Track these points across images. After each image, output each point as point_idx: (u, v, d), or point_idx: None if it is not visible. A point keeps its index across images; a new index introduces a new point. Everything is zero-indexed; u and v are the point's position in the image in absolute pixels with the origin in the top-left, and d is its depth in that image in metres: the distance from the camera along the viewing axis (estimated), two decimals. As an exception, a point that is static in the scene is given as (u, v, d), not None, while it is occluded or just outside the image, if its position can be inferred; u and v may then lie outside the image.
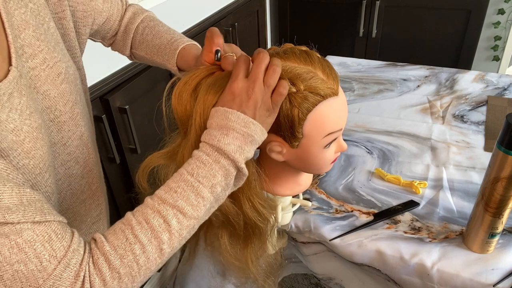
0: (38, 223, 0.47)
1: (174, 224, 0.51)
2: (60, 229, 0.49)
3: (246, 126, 0.53)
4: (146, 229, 0.50)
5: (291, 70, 0.61)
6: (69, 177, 0.65)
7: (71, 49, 0.68)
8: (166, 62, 0.78)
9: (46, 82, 0.58)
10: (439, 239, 0.81)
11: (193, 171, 0.53)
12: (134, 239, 0.50)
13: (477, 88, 1.32)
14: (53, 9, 0.63)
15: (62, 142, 0.62)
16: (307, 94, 0.60)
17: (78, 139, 0.65)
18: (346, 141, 1.08)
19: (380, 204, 0.90)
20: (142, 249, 0.50)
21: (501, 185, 0.69)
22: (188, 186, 0.52)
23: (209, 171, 0.52)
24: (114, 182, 1.40)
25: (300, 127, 0.62)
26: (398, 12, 2.28)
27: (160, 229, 0.51)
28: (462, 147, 1.06)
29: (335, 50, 1.73)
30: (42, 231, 0.47)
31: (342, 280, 0.90)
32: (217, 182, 0.53)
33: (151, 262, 0.51)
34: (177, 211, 0.51)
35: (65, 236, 0.49)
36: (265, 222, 0.68)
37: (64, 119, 0.61)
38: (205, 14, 1.82)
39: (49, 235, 0.48)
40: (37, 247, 0.46)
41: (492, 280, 0.73)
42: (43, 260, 0.46)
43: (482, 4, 2.12)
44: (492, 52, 2.39)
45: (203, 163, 0.53)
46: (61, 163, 0.62)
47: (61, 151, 0.62)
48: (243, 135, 0.53)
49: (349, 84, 1.39)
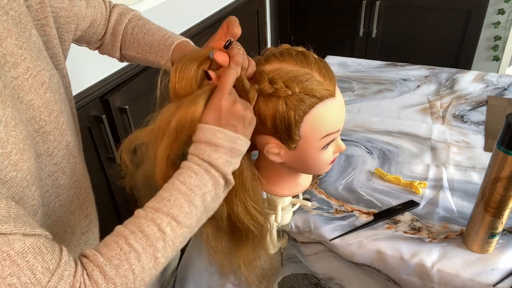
0: (29, 235, 0.46)
1: (169, 232, 0.52)
2: (49, 243, 0.48)
3: (233, 142, 0.56)
4: (141, 237, 0.51)
5: (286, 73, 0.61)
6: (57, 188, 0.63)
7: (55, 56, 0.66)
8: (159, 58, 0.77)
9: (29, 91, 0.56)
10: (439, 239, 0.81)
11: (185, 181, 0.54)
12: (129, 248, 0.50)
13: (477, 88, 1.32)
14: (35, 16, 0.61)
15: (48, 152, 0.60)
16: (303, 96, 0.60)
17: (65, 149, 0.63)
18: (346, 141, 1.08)
19: (380, 204, 0.90)
20: (137, 258, 0.50)
21: (501, 185, 0.69)
22: (181, 194, 0.53)
23: (200, 180, 0.54)
24: (114, 182, 1.40)
25: (297, 129, 0.62)
26: (398, 12, 2.28)
27: (155, 237, 0.51)
28: (462, 147, 1.06)
29: (335, 50, 1.72)
30: (32, 243, 0.46)
31: (342, 280, 0.90)
32: (208, 191, 0.55)
33: (146, 272, 0.51)
34: (171, 219, 0.52)
35: (54, 249, 0.48)
36: (258, 226, 0.68)
37: (49, 129, 0.60)
38: (205, 14, 1.82)
39: (39, 247, 0.47)
40: (29, 259, 0.45)
41: (492, 280, 0.73)
42: (36, 272, 0.45)
43: (482, 4, 2.12)
44: (492, 52, 2.39)
45: (195, 173, 0.54)
46: (48, 174, 0.61)
47: (47, 162, 0.60)
48: (230, 150, 0.56)
49: (349, 84, 1.39)
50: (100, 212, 0.80)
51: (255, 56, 0.68)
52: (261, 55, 0.67)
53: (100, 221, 0.80)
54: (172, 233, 0.52)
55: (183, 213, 0.53)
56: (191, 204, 0.53)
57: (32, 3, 0.61)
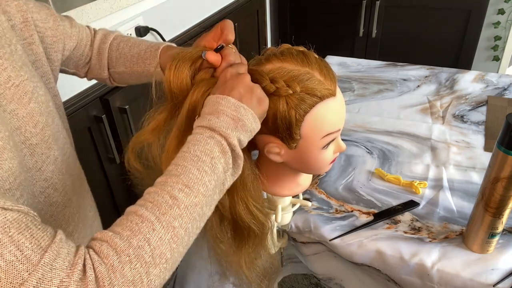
0: (10, 210, 0.41)
1: (182, 197, 0.47)
2: (38, 222, 0.43)
3: (236, 110, 0.53)
4: (151, 207, 0.46)
5: (287, 72, 0.61)
6: (50, 206, 0.59)
7: (45, 75, 0.66)
8: (148, 66, 0.75)
9: (12, 100, 0.54)
10: (439, 239, 0.81)
11: (189, 149, 0.51)
12: (140, 218, 0.45)
13: (477, 88, 1.32)
14: (21, 35, 0.61)
15: (37, 167, 0.57)
16: (304, 95, 0.60)
17: (53, 164, 0.60)
18: (346, 141, 1.08)
19: (380, 204, 0.90)
20: (151, 227, 0.45)
21: (501, 185, 0.69)
22: (188, 161, 0.50)
23: (205, 145, 0.51)
24: (114, 182, 1.40)
25: (298, 128, 0.62)
26: (398, 12, 2.28)
27: (168, 204, 0.46)
28: (462, 147, 1.06)
29: (335, 50, 1.72)
30: (16, 219, 0.41)
31: (342, 280, 0.90)
32: (216, 157, 0.51)
33: (165, 245, 0.45)
34: (182, 185, 0.48)
35: (46, 228, 0.43)
36: (259, 225, 0.68)
37: (36, 141, 0.57)
38: (205, 14, 1.82)
39: (26, 224, 0.41)
40: (13, 234, 0.40)
41: (492, 280, 0.73)
42: (24, 248, 0.40)
43: (482, 4, 2.12)
44: (492, 52, 2.39)
45: (198, 140, 0.52)
46: (40, 191, 0.57)
47: (37, 177, 0.57)
48: (233, 119, 0.53)
49: (349, 84, 1.39)
50: (100, 212, 0.80)
51: (255, 56, 0.68)
52: (261, 55, 0.67)
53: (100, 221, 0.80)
54: (186, 199, 0.48)
55: (194, 178, 0.49)
56: (201, 170, 0.50)
57: (16, 22, 0.60)
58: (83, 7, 1.15)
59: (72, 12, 1.11)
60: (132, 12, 1.36)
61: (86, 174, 0.77)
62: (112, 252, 0.43)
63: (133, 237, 0.44)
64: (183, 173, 0.49)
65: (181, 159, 0.51)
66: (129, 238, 0.44)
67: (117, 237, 0.44)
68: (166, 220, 0.46)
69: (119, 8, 1.28)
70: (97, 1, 1.19)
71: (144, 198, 0.48)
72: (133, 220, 0.45)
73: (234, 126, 0.53)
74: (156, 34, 1.48)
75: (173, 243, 0.46)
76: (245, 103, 0.54)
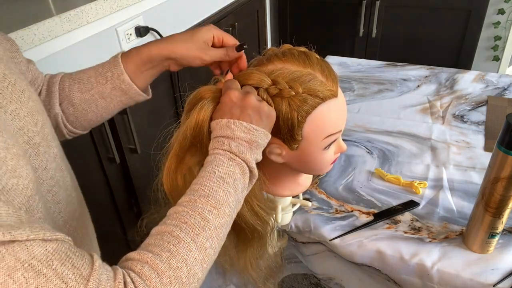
0: (49, 241, 0.41)
1: (212, 219, 0.49)
2: (75, 248, 0.43)
3: (250, 133, 0.55)
4: (186, 228, 0.47)
5: (289, 73, 0.61)
6: (57, 203, 0.59)
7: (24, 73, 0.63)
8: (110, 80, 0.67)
9: (12, 100, 0.53)
10: (439, 239, 0.81)
11: (213, 170, 0.53)
12: (176, 240, 0.46)
13: (477, 88, 1.32)
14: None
15: (42, 166, 0.56)
16: (306, 96, 0.60)
17: (53, 162, 0.59)
18: (346, 141, 1.08)
19: (380, 204, 0.90)
20: (188, 248, 0.46)
21: (501, 185, 0.69)
22: (213, 183, 0.51)
23: (228, 167, 0.53)
24: (114, 182, 1.40)
25: (300, 129, 0.62)
26: (398, 12, 2.28)
27: (200, 225, 0.48)
28: (462, 147, 1.06)
29: (335, 50, 1.72)
30: (56, 249, 0.40)
31: (342, 280, 0.90)
32: (237, 178, 0.53)
33: (198, 265, 0.47)
34: (211, 207, 0.50)
35: (83, 253, 0.43)
36: (264, 225, 0.68)
37: (38, 141, 0.56)
38: (205, 14, 1.82)
39: (66, 253, 0.41)
40: (56, 267, 0.39)
41: (492, 280, 0.73)
42: (68, 280, 0.39)
43: (482, 4, 2.12)
44: (492, 52, 2.39)
45: (221, 161, 0.53)
46: (47, 190, 0.57)
47: (44, 177, 0.56)
48: (248, 142, 0.55)
49: (349, 84, 1.39)
50: (100, 212, 0.80)
51: (256, 56, 0.68)
52: (262, 55, 0.67)
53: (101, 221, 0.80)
54: (215, 221, 0.49)
55: (221, 200, 0.51)
56: (226, 191, 0.51)
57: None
58: (83, 7, 1.15)
59: (72, 12, 1.11)
60: (132, 12, 1.36)
61: (86, 174, 0.76)
62: (154, 274, 0.43)
63: (172, 258, 0.45)
64: (211, 195, 0.50)
65: (207, 180, 0.52)
66: (168, 259, 0.45)
67: (158, 259, 0.44)
68: (200, 241, 0.47)
69: (119, 8, 1.28)
70: (97, 1, 1.19)
71: (175, 218, 0.49)
72: (170, 241, 0.46)
73: (249, 148, 0.55)
74: (156, 34, 1.48)
75: (204, 263, 0.48)
76: (256, 124, 0.56)
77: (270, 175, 0.74)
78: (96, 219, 0.76)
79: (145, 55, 0.67)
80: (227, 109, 0.56)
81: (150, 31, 1.44)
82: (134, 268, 0.44)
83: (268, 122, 0.58)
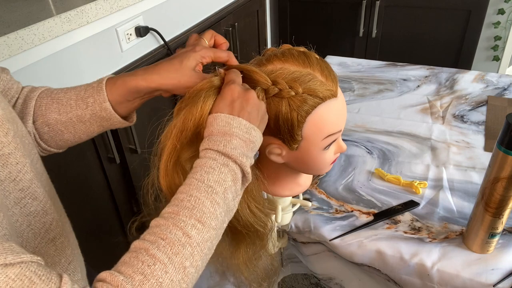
0: (12, 265, 0.37)
1: (195, 235, 0.45)
2: (43, 270, 0.39)
3: (248, 133, 0.53)
4: (164, 245, 0.44)
5: (289, 73, 0.61)
6: (27, 216, 0.55)
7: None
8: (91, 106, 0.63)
9: None
10: (439, 239, 0.81)
11: (202, 178, 0.49)
12: (152, 260, 0.43)
13: (477, 88, 1.32)
14: None
15: (11, 177, 0.52)
16: (306, 96, 0.60)
17: (30, 172, 0.54)
18: (346, 141, 1.08)
19: (380, 204, 0.90)
20: (164, 270, 0.43)
21: (501, 185, 0.69)
22: (201, 193, 0.48)
23: (219, 175, 0.50)
24: (114, 182, 1.40)
25: (299, 129, 0.62)
26: (398, 12, 2.28)
27: (180, 243, 0.44)
28: (462, 147, 1.06)
29: (335, 50, 1.73)
30: (18, 274, 0.37)
31: (342, 280, 0.90)
32: (228, 187, 0.50)
33: (175, 287, 0.44)
34: (195, 221, 0.46)
35: (50, 277, 0.39)
36: (263, 226, 0.68)
37: (9, 151, 0.51)
38: (205, 14, 1.82)
39: (30, 278, 0.38)
40: None
41: (492, 280, 0.73)
42: None
43: (482, 4, 2.12)
44: (492, 52, 2.39)
45: (212, 167, 0.50)
46: (15, 202, 0.53)
47: (11, 189, 0.52)
48: (245, 142, 0.52)
49: (349, 84, 1.39)
50: (100, 212, 0.79)
51: (255, 56, 0.68)
52: (262, 55, 0.67)
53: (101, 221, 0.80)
54: (198, 236, 0.46)
55: (207, 213, 0.47)
56: (214, 202, 0.48)
57: None
58: (83, 7, 1.15)
59: (72, 12, 1.11)
60: (132, 12, 1.36)
61: (86, 174, 0.76)
62: None
63: (146, 282, 0.41)
64: (197, 207, 0.47)
65: (194, 189, 0.48)
66: (141, 283, 0.41)
67: (129, 283, 0.41)
68: (178, 261, 0.44)
69: (119, 8, 1.28)
70: (97, 1, 1.19)
71: (154, 233, 0.45)
72: (145, 261, 0.43)
73: (247, 149, 0.52)
74: (156, 34, 1.48)
75: (183, 283, 0.44)
76: (254, 123, 0.54)
77: (270, 175, 0.74)
78: (96, 219, 0.76)
79: (133, 87, 0.63)
80: (228, 103, 0.54)
81: (150, 31, 1.44)
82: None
83: (263, 123, 0.58)
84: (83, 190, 0.98)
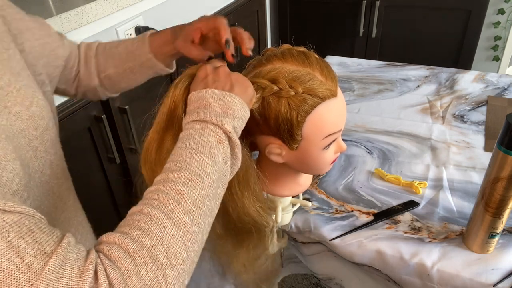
0: (11, 212, 0.37)
1: (188, 191, 0.44)
2: (46, 226, 0.39)
3: (222, 99, 0.53)
4: (157, 204, 0.43)
5: (289, 73, 0.61)
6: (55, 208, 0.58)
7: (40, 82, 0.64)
8: (138, 57, 0.73)
9: (16, 103, 0.53)
10: (439, 239, 0.81)
11: (184, 144, 0.49)
12: (147, 217, 0.42)
13: (477, 88, 1.32)
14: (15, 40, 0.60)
15: (40, 169, 0.55)
16: (306, 96, 0.60)
17: (49, 168, 0.58)
18: (346, 141, 1.08)
19: (380, 204, 0.90)
20: (161, 224, 0.41)
21: (501, 185, 0.69)
22: (185, 155, 0.47)
23: (200, 137, 0.49)
24: (114, 182, 1.40)
25: (299, 129, 0.62)
26: (398, 12, 2.28)
27: (174, 200, 0.43)
28: (462, 147, 1.06)
29: (335, 50, 1.72)
30: (16, 221, 0.37)
31: (342, 280, 0.90)
32: (214, 147, 0.49)
33: (178, 243, 0.41)
34: (185, 179, 0.45)
35: (53, 231, 0.39)
36: (262, 225, 0.68)
37: (37, 145, 0.55)
38: (205, 14, 1.82)
39: (29, 227, 0.37)
40: (12, 239, 0.35)
41: (492, 280, 0.73)
42: (25, 255, 0.35)
43: (482, 4, 2.12)
44: (492, 52, 2.39)
45: (191, 134, 0.50)
46: (45, 193, 0.55)
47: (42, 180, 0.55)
48: (222, 108, 0.52)
49: (349, 84, 1.39)
50: (100, 212, 0.80)
51: (255, 56, 0.68)
52: (262, 55, 0.67)
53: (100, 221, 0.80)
54: (192, 193, 0.44)
55: (197, 170, 0.46)
56: (201, 161, 0.47)
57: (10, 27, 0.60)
58: (83, 7, 1.15)
59: (72, 12, 1.11)
60: (132, 12, 1.36)
61: (86, 174, 0.77)
62: (125, 255, 0.39)
63: (144, 236, 0.40)
64: (184, 167, 0.46)
65: (178, 155, 0.48)
66: (140, 237, 0.40)
67: (127, 238, 0.40)
68: (176, 216, 0.42)
69: (119, 8, 1.28)
70: (97, 1, 1.19)
71: (147, 197, 0.45)
72: (141, 219, 0.42)
73: (224, 114, 0.52)
74: (156, 34, 1.48)
75: (187, 240, 0.42)
76: (229, 91, 0.54)
77: (270, 175, 0.74)
78: (96, 219, 0.76)
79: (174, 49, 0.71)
80: (200, 80, 0.56)
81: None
82: (102, 250, 0.40)
83: (245, 92, 0.56)
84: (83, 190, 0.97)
